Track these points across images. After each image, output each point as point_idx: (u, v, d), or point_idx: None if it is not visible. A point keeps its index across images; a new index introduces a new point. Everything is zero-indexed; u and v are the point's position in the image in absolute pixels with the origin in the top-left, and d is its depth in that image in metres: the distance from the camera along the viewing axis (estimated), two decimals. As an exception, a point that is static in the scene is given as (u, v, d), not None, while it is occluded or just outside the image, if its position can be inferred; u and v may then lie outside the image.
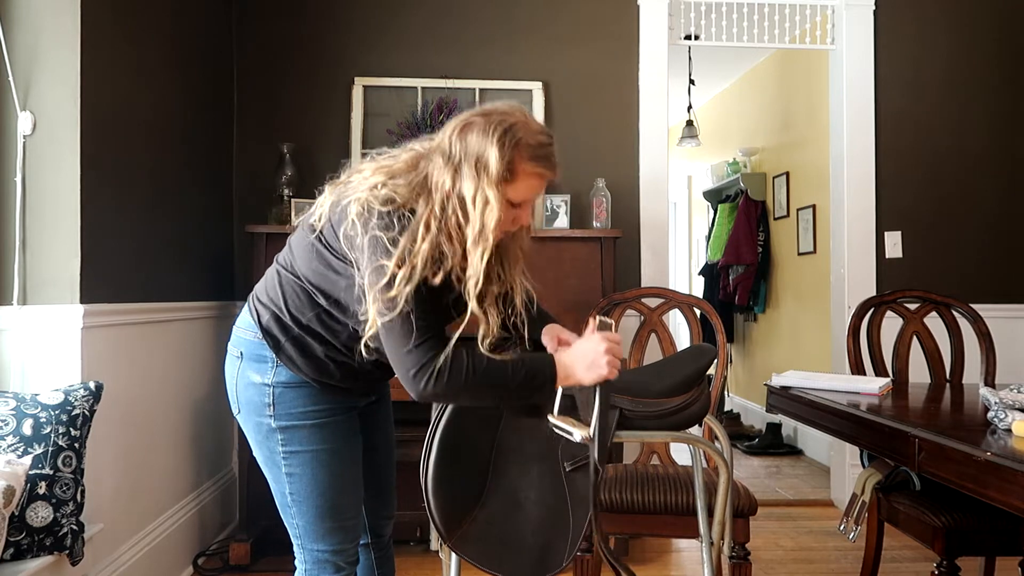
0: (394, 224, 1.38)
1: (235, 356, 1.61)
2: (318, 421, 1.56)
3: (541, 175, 1.44)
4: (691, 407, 1.52)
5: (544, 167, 1.43)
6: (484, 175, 1.38)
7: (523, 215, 1.47)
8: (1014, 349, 3.52)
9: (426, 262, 1.36)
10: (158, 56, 2.64)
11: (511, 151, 1.38)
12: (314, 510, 1.58)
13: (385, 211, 1.39)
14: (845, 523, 2.27)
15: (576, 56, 3.55)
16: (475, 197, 1.38)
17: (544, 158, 1.43)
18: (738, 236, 5.54)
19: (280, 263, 1.64)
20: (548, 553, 1.35)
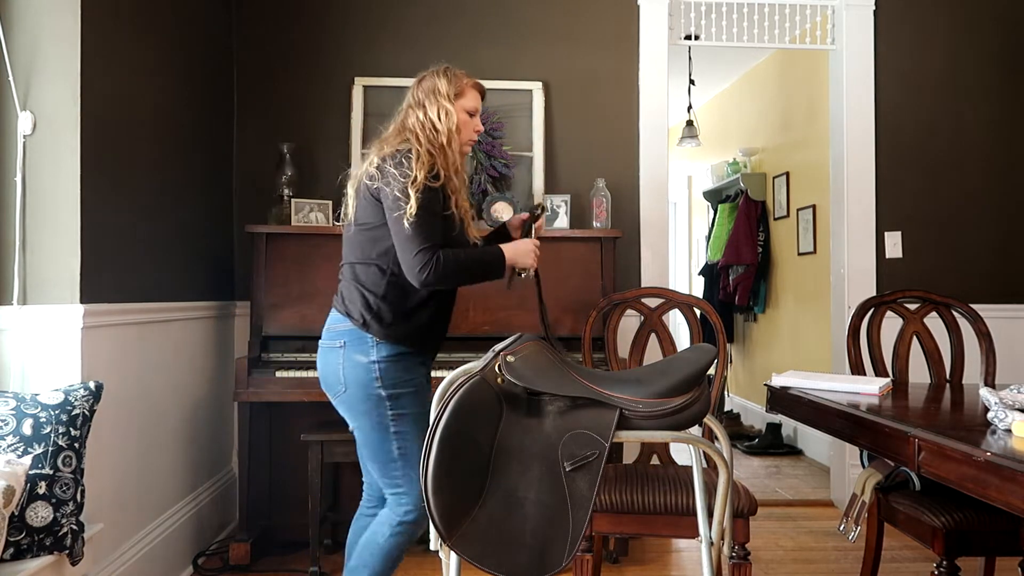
0: (401, 163, 1.96)
1: (336, 347, 2.04)
2: (413, 388, 2.02)
3: (476, 86, 2.16)
4: (691, 407, 1.52)
5: (468, 85, 2.14)
6: (439, 97, 2.07)
7: (477, 122, 2.15)
8: (1014, 349, 3.52)
9: (426, 178, 1.94)
10: (158, 56, 2.64)
11: (452, 76, 2.10)
12: (416, 460, 1.98)
13: (390, 157, 2.00)
14: (845, 523, 2.27)
15: (576, 56, 3.55)
16: (438, 113, 2.05)
17: (466, 80, 2.14)
18: (738, 236, 5.54)
19: (343, 268, 2.12)
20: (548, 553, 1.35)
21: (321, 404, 3.00)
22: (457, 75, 2.12)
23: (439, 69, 2.13)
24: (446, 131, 2.05)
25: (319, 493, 2.81)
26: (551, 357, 1.63)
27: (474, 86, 2.14)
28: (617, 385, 1.54)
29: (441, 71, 2.12)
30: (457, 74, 2.12)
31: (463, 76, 2.13)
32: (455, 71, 2.12)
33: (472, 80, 2.14)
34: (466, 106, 2.11)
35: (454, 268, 1.96)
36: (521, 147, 3.48)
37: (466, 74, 2.14)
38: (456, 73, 2.12)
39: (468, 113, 2.11)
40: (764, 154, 5.67)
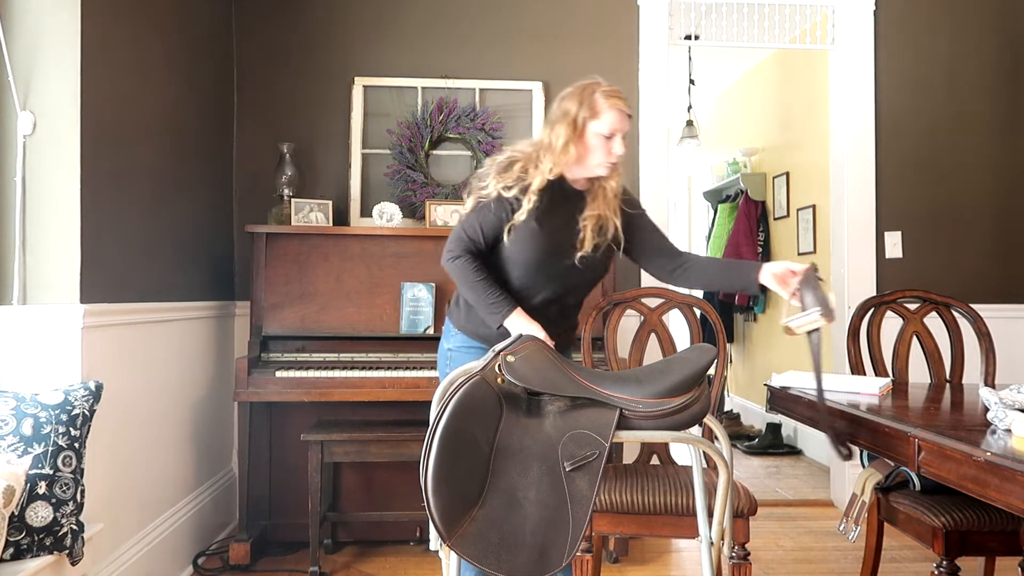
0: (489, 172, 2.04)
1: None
2: None
3: (616, 106, 1.97)
4: (691, 407, 1.52)
5: (616, 99, 1.97)
6: (565, 120, 1.98)
7: (614, 145, 1.98)
8: (1014, 349, 3.52)
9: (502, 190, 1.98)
10: (158, 56, 2.64)
11: (586, 97, 1.97)
12: None
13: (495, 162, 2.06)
14: (845, 523, 2.27)
15: (576, 56, 3.55)
16: (557, 137, 1.98)
17: (615, 95, 1.98)
18: (738, 236, 5.54)
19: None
20: (548, 553, 1.35)
21: (321, 404, 3.02)
22: (593, 95, 1.97)
23: (578, 88, 2.01)
24: (560, 158, 1.98)
25: (319, 493, 2.81)
26: (551, 357, 1.63)
27: (612, 106, 1.97)
28: (617, 385, 1.54)
29: (578, 90, 2.00)
30: (594, 94, 1.98)
31: (600, 95, 1.97)
32: (593, 89, 1.98)
33: (611, 100, 1.97)
34: (599, 129, 1.97)
35: (461, 281, 2.03)
36: (521, 147, 3.48)
37: (607, 91, 1.98)
38: (593, 92, 1.98)
39: (603, 136, 1.97)
40: (764, 154, 5.67)
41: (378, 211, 3.20)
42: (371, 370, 2.92)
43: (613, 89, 1.99)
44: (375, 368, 2.94)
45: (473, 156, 3.43)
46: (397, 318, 3.03)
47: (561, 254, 2.04)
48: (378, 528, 3.18)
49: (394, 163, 3.39)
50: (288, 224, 3.16)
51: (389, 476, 3.20)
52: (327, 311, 3.02)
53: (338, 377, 2.86)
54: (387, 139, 3.42)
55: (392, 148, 3.40)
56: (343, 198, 3.40)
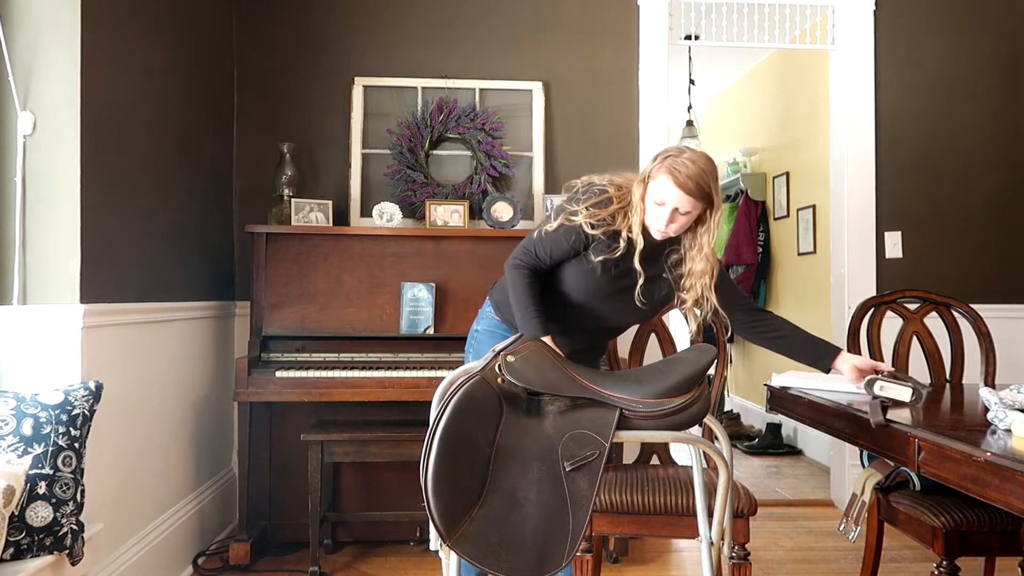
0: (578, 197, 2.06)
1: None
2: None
3: (663, 177, 1.90)
4: (691, 407, 1.52)
5: (664, 171, 1.90)
6: (642, 173, 1.98)
7: (663, 214, 1.92)
8: (1014, 349, 3.52)
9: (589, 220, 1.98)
10: (158, 56, 2.64)
11: (655, 163, 1.94)
12: None
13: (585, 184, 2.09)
14: (845, 523, 2.27)
15: (576, 56, 3.55)
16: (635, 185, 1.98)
17: (666, 166, 1.91)
18: (738, 236, 5.54)
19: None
20: (547, 553, 1.35)
21: (321, 404, 3.02)
22: (659, 159, 1.94)
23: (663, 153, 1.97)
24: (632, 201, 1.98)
25: (319, 493, 2.81)
26: (551, 357, 1.63)
27: (667, 172, 1.89)
28: (617, 385, 1.54)
29: (662, 154, 1.96)
30: (661, 157, 1.94)
31: (660, 161, 1.93)
32: (664, 153, 1.95)
33: (663, 169, 1.91)
34: (652, 194, 1.93)
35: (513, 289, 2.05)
36: (521, 147, 3.48)
37: (666, 156, 1.93)
38: (661, 157, 1.94)
39: (654, 201, 1.93)
40: (764, 154, 5.67)
41: (378, 211, 3.20)
42: (371, 370, 2.92)
43: (683, 158, 1.91)
44: (375, 368, 2.94)
45: (473, 156, 3.43)
46: (397, 318, 3.03)
47: (614, 298, 2.05)
48: (378, 528, 3.18)
49: (394, 163, 3.39)
50: (288, 224, 3.16)
51: (389, 476, 3.20)
52: (327, 311, 3.02)
53: (338, 377, 2.86)
54: (387, 139, 3.42)
55: (392, 148, 3.40)
56: (343, 198, 3.40)
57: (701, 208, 1.93)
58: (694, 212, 1.92)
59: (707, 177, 1.90)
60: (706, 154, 1.96)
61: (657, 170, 1.91)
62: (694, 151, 1.94)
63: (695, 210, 1.92)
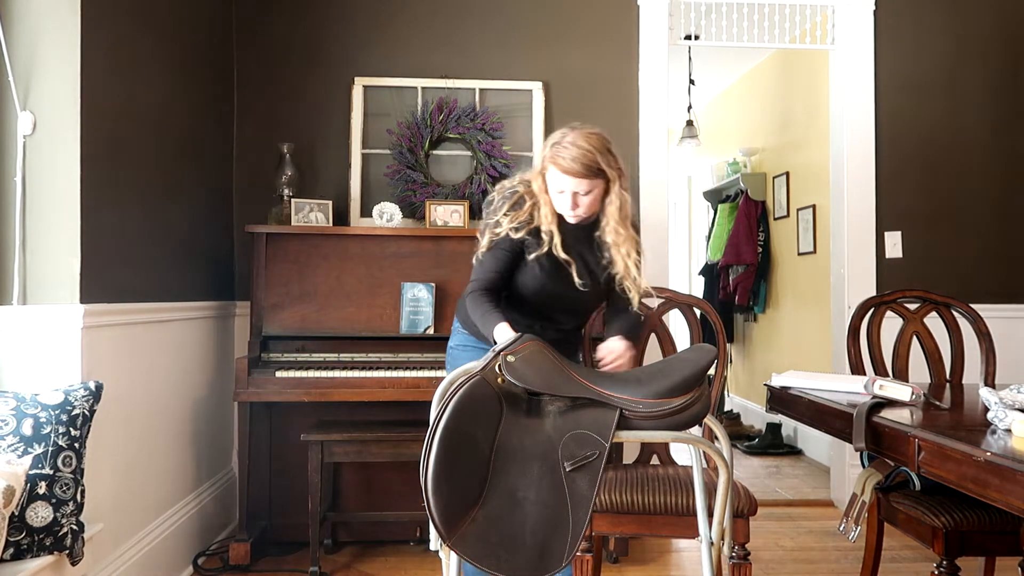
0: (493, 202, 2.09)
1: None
2: None
3: (551, 167, 1.96)
4: (691, 408, 1.52)
5: (549, 161, 1.96)
6: (536, 171, 2.04)
7: (565, 201, 1.98)
8: (1014, 349, 3.52)
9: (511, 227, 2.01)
10: (158, 56, 2.64)
11: (543, 153, 2.00)
12: None
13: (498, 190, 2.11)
14: (845, 523, 2.27)
15: (576, 56, 3.55)
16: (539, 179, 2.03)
17: (551, 155, 1.96)
18: (738, 236, 5.54)
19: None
20: (547, 553, 1.35)
21: (321, 404, 3.02)
22: (547, 148, 1.99)
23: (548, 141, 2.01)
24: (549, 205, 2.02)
25: (319, 493, 2.81)
26: (551, 357, 1.63)
27: (551, 162, 1.95)
28: (617, 385, 1.54)
29: (547, 143, 2.00)
30: (548, 146, 1.99)
31: (548, 150, 1.98)
32: (550, 141, 1.99)
33: (550, 157, 1.96)
34: (550, 184, 1.99)
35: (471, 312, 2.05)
36: (521, 147, 3.48)
37: (554, 145, 1.97)
38: (548, 146, 1.99)
39: (555, 191, 1.98)
40: (764, 154, 5.67)
41: (378, 211, 3.20)
42: (371, 370, 2.91)
43: (565, 142, 1.95)
44: (375, 368, 2.94)
45: (473, 156, 3.43)
46: (397, 318, 3.03)
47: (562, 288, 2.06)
48: (378, 528, 3.18)
49: (394, 163, 3.39)
50: (288, 224, 3.16)
51: (389, 476, 3.20)
52: (327, 311, 3.02)
53: (338, 377, 2.86)
54: (387, 139, 3.42)
55: (392, 148, 3.40)
56: (343, 198, 3.40)
57: (600, 183, 1.97)
58: (595, 190, 1.97)
59: (592, 155, 1.93)
60: (590, 131, 1.98)
61: (546, 160, 1.96)
62: (577, 131, 1.97)
63: (595, 187, 1.96)
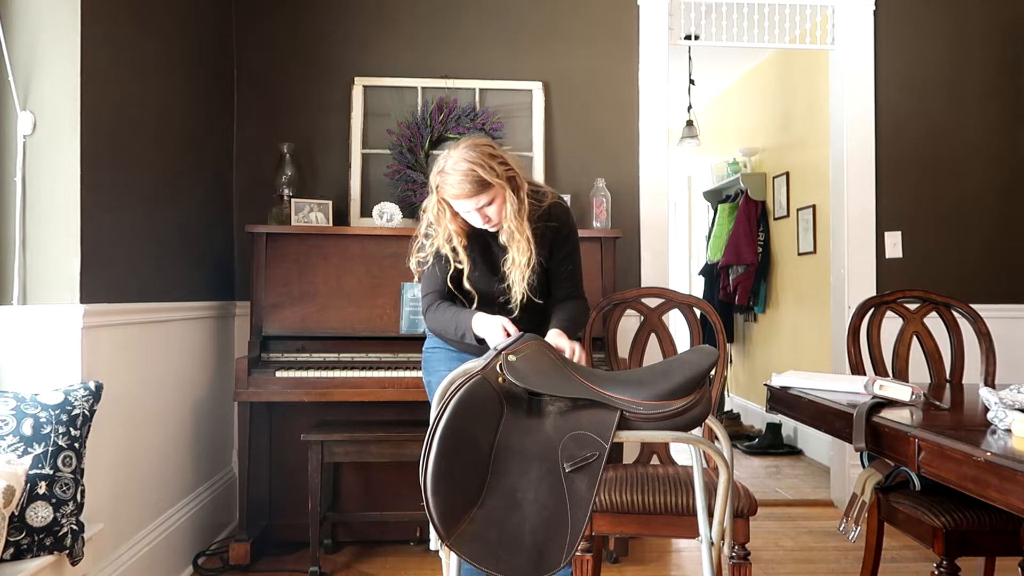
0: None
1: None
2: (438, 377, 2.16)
3: (447, 198, 2.05)
4: (692, 410, 1.52)
5: (443, 193, 2.04)
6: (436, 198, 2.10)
7: (473, 218, 2.07)
8: (1014, 349, 3.52)
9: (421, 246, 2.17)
10: (159, 56, 2.64)
11: (434, 182, 2.07)
12: None
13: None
14: (845, 523, 2.27)
15: (576, 56, 3.55)
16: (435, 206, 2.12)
17: (440, 188, 2.04)
18: (738, 236, 5.54)
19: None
20: (546, 553, 1.35)
21: (321, 404, 3.02)
22: (433, 182, 2.05)
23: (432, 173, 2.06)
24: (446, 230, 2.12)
25: (319, 493, 2.81)
26: (552, 357, 1.63)
27: (444, 194, 2.03)
28: (618, 386, 1.53)
29: (432, 176, 2.06)
30: (434, 181, 2.05)
31: (437, 186, 2.04)
32: (436, 175, 2.04)
33: (441, 190, 2.03)
34: (456, 208, 2.07)
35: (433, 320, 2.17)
36: (521, 147, 3.48)
37: (441, 185, 2.02)
38: (434, 179, 2.05)
39: (461, 212, 2.07)
40: (764, 154, 5.67)
41: (378, 211, 3.20)
42: (371, 370, 2.91)
43: (447, 168, 2.00)
44: (375, 368, 2.94)
45: (473, 156, 3.43)
46: (397, 318, 3.03)
47: (495, 287, 2.16)
48: (378, 528, 3.18)
49: (394, 163, 3.39)
50: (288, 224, 3.16)
51: (389, 476, 3.20)
52: (327, 311, 3.02)
53: (338, 377, 2.86)
54: (387, 139, 3.42)
55: (392, 148, 3.40)
56: (343, 198, 3.40)
57: (493, 191, 2.01)
58: (495, 198, 2.02)
59: (474, 170, 1.97)
60: (464, 147, 2.01)
61: (439, 192, 2.04)
62: (457, 149, 2.01)
63: (490, 196, 2.01)
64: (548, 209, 2.17)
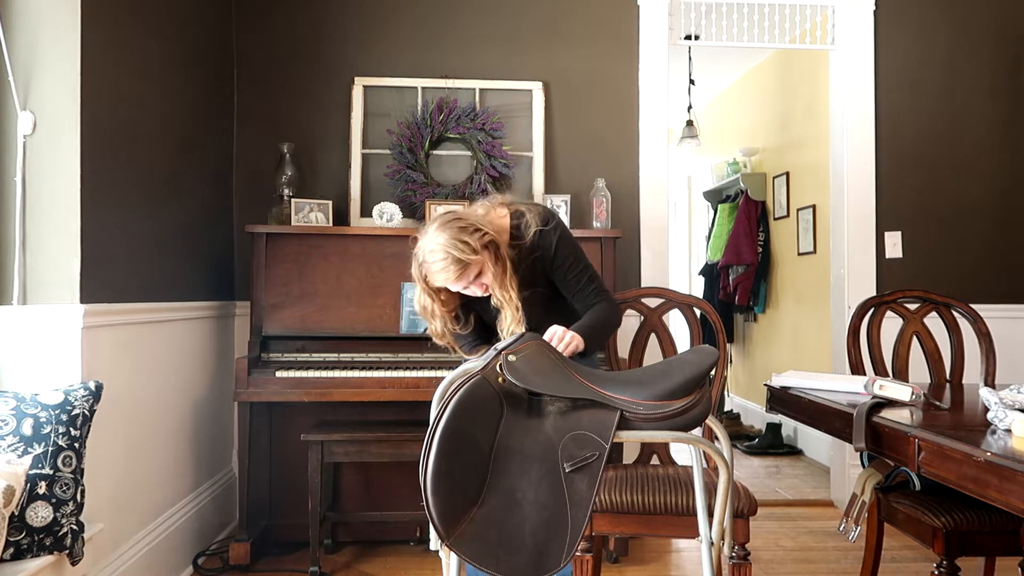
0: None
1: None
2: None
3: (436, 284, 2.04)
4: (692, 410, 1.51)
5: (430, 281, 2.04)
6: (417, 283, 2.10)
7: (468, 292, 2.06)
8: (1014, 349, 3.52)
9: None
10: (159, 56, 2.64)
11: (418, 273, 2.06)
12: None
13: None
14: (845, 523, 2.27)
15: (576, 56, 3.55)
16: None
17: (426, 277, 2.04)
18: (738, 236, 5.54)
19: None
20: (546, 553, 1.35)
21: (321, 404, 3.02)
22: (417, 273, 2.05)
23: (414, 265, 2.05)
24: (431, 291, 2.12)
25: (319, 493, 2.81)
26: (552, 357, 1.63)
27: (432, 281, 2.03)
28: (618, 386, 1.53)
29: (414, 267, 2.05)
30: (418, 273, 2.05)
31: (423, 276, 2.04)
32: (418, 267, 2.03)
33: (427, 279, 2.03)
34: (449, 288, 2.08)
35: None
36: (521, 147, 3.48)
37: (426, 275, 2.02)
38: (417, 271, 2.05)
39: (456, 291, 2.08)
40: (764, 154, 5.67)
41: (378, 211, 3.20)
42: (371, 370, 2.91)
43: (426, 256, 1.98)
44: (375, 368, 2.94)
45: (473, 156, 3.43)
46: (397, 318, 3.03)
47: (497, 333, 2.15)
48: (378, 528, 3.18)
49: (394, 163, 3.39)
50: (288, 224, 3.16)
51: (389, 476, 3.20)
52: (327, 311, 3.02)
53: (338, 377, 2.86)
54: (387, 139, 3.42)
55: (392, 148, 3.40)
56: (343, 198, 3.40)
57: (479, 263, 1.98)
58: (482, 269, 1.99)
59: (453, 252, 1.94)
60: (436, 231, 1.98)
61: (428, 284, 2.04)
62: (426, 241, 1.99)
63: (476, 267, 1.98)
64: (532, 242, 2.10)
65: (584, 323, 2.08)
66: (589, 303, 2.15)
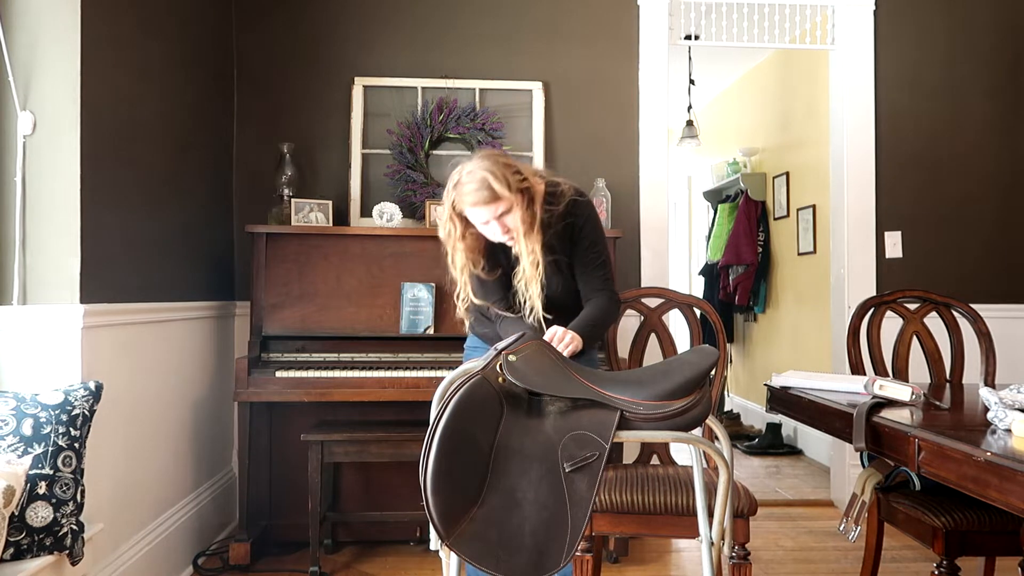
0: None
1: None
2: None
3: (464, 208, 2.03)
4: (692, 410, 1.51)
5: (459, 204, 2.02)
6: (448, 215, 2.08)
7: (493, 230, 2.05)
8: (1014, 349, 3.52)
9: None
10: (159, 56, 2.64)
11: (449, 200, 2.05)
12: None
13: None
14: (845, 523, 2.27)
15: (576, 56, 3.55)
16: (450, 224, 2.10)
17: (457, 199, 2.02)
18: (738, 236, 5.54)
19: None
20: (546, 553, 1.35)
21: (321, 404, 3.02)
22: (449, 195, 2.04)
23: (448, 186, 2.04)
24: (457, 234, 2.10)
25: (319, 493, 2.81)
26: (552, 357, 1.63)
27: (461, 204, 2.02)
28: (618, 386, 1.53)
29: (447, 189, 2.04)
30: (450, 195, 2.03)
31: (453, 199, 2.02)
32: (452, 188, 2.02)
33: (458, 201, 2.02)
34: (473, 221, 2.06)
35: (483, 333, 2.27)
36: (521, 147, 3.48)
37: (458, 196, 2.01)
38: (450, 192, 2.03)
39: (480, 224, 2.06)
40: (764, 154, 5.67)
41: (378, 211, 3.20)
42: (371, 370, 2.91)
43: (463, 178, 1.98)
44: (375, 368, 2.94)
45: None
46: (397, 318, 3.03)
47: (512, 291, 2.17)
48: (378, 528, 3.18)
49: (394, 163, 3.39)
50: (288, 224, 3.16)
51: (389, 476, 3.20)
52: (327, 311, 3.02)
53: (338, 377, 2.86)
54: (387, 139, 3.42)
55: (392, 148, 3.40)
56: (343, 198, 3.40)
57: (510, 200, 1.99)
58: (514, 207, 2.00)
59: (490, 179, 1.95)
60: (480, 159, 2.01)
61: (456, 206, 2.02)
62: (468, 164, 2.01)
63: (509, 205, 2.00)
64: (565, 209, 2.13)
65: (584, 321, 2.09)
66: (593, 288, 2.18)
